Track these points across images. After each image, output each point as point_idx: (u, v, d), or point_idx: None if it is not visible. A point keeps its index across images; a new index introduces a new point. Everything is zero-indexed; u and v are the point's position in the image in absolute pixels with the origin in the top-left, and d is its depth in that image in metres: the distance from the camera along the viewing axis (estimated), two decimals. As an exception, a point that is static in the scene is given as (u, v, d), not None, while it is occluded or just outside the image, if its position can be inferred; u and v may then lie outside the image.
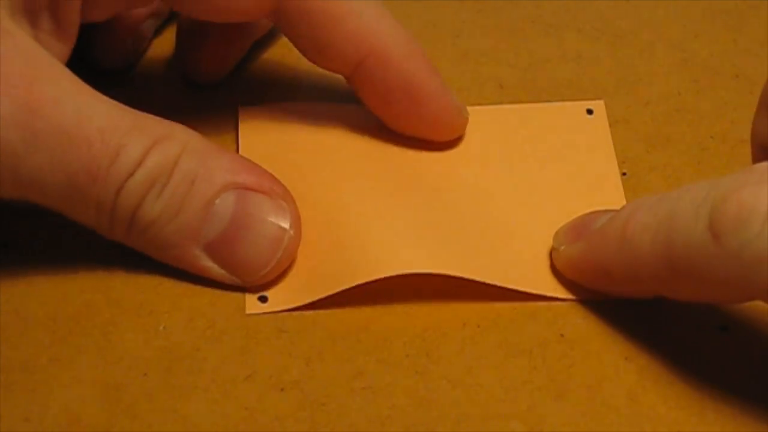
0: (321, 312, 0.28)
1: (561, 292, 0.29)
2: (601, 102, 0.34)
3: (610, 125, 0.33)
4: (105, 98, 0.27)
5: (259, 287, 0.29)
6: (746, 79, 0.35)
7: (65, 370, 0.27)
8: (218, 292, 0.29)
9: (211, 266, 0.28)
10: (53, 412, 0.26)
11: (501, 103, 0.34)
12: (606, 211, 0.28)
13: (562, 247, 0.28)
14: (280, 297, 0.29)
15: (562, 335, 0.28)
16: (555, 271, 0.29)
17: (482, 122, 0.33)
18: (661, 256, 0.25)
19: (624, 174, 0.32)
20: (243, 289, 0.29)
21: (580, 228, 0.28)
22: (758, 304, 0.26)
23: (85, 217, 0.28)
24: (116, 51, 0.34)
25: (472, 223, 0.30)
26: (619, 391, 0.27)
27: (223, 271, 0.28)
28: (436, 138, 0.32)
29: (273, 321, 0.28)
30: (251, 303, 0.28)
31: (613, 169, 0.32)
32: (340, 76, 0.31)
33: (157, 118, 0.28)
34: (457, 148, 0.32)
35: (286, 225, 0.28)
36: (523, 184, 0.32)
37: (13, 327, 0.28)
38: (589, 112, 0.34)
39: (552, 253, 0.29)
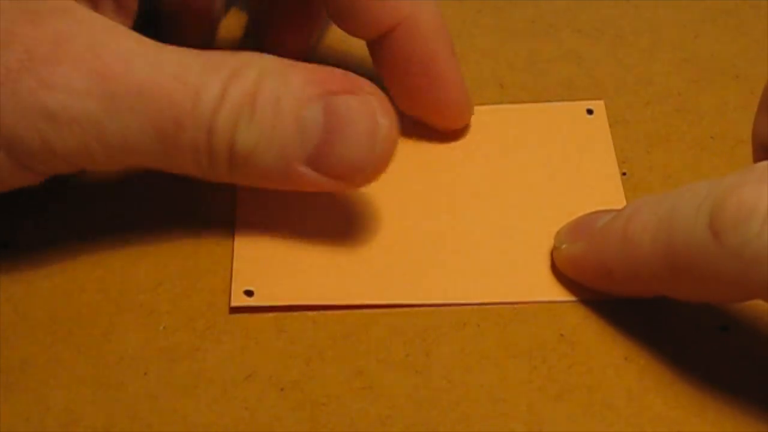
0: (321, 312, 0.28)
1: (562, 294, 0.29)
2: (601, 102, 0.34)
3: (610, 125, 0.33)
4: (172, 47, 0.27)
5: (247, 281, 0.28)
6: (746, 79, 0.34)
7: (65, 370, 0.27)
8: (218, 293, 0.29)
9: (319, 179, 0.28)
10: (53, 412, 0.26)
11: (501, 103, 0.34)
12: (608, 211, 0.28)
13: (564, 246, 0.28)
14: (266, 292, 0.28)
15: (562, 335, 0.28)
16: (556, 271, 0.29)
17: (482, 122, 0.33)
18: (662, 255, 0.25)
19: (624, 174, 0.32)
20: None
21: (581, 227, 0.28)
22: (758, 304, 0.26)
23: (185, 166, 0.27)
24: (189, 36, 0.33)
25: (472, 228, 0.30)
26: (619, 391, 0.27)
27: (333, 181, 0.28)
28: (439, 123, 0.32)
29: (273, 321, 0.28)
30: (237, 296, 0.28)
31: (613, 169, 0.32)
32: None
33: (228, 52, 0.28)
34: (456, 148, 0.32)
35: (377, 117, 0.27)
36: (524, 185, 0.32)
37: (13, 327, 0.28)
38: (589, 112, 0.34)
39: (553, 253, 0.29)
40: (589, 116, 0.34)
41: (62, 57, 0.26)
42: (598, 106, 0.34)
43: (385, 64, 0.31)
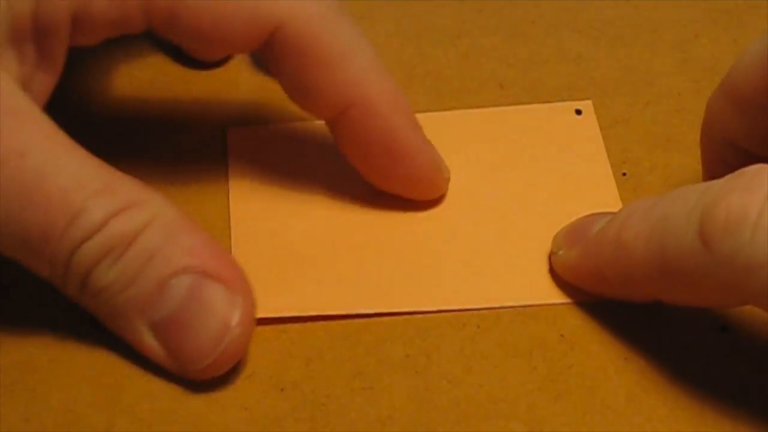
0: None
1: (560, 297, 0.29)
2: (589, 102, 0.34)
3: (610, 125, 0.33)
4: (81, 153, 0.26)
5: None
6: (746, 79, 0.34)
7: (65, 370, 0.27)
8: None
9: (154, 345, 0.27)
10: (53, 412, 0.26)
11: (501, 103, 0.34)
12: (604, 215, 0.28)
13: (561, 252, 0.28)
14: (268, 304, 0.28)
15: (562, 335, 0.28)
16: (553, 274, 0.29)
17: (470, 126, 0.33)
18: (654, 261, 0.25)
19: (624, 174, 0.32)
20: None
21: (577, 232, 0.28)
22: (758, 304, 0.26)
23: (39, 272, 0.27)
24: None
25: (468, 234, 0.30)
26: (619, 391, 0.27)
27: (165, 353, 0.27)
28: (414, 196, 0.31)
29: (273, 321, 0.28)
30: None
31: (605, 169, 0.32)
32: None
33: (135, 182, 0.27)
34: (448, 153, 0.32)
35: (234, 321, 0.26)
36: (516, 189, 0.31)
37: (13, 327, 0.28)
38: (578, 112, 0.34)
39: (551, 258, 0.29)
40: (578, 117, 0.33)
41: None
42: (586, 106, 0.34)
43: (345, 144, 0.30)
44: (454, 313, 0.28)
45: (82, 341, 0.28)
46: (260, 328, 0.28)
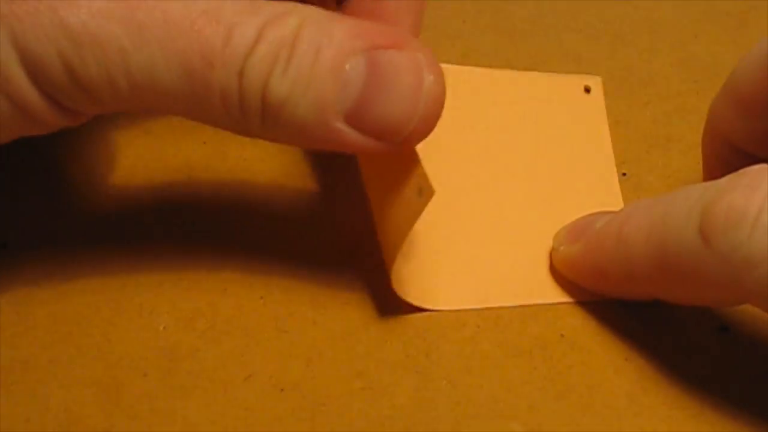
0: (321, 312, 0.28)
1: (561, 296, 0.29)
2: (599, 78, 0.34)
3: (610, 125, 0.33)
4: None
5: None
6: (746, 79, 0.34)
7: (65, 370, 0.27)
8: (218, 292, 0.29)
9: (358, 137, 0.26)
10: (53, 412, 0.26)
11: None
12: (606, 213, 0.28)
13: (562, 248, 0.29)
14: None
15: (562, 335, 0.28)
16: (554, 272, 0.29)
17: (479, 85, 0.33)
18: (654, 258, 0.25)
19: (624, 174, 0.32)
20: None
21: (579, 229, 0.28)
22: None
23: (216, 115, 0.26)
24: None
25: (469, 230, 0.30)
26: (619, 391, 0.27)
27: (372, 140, 0.26)
28: None
29: (273, 321, 0.28)
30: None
31: (611, 169, 0.32)
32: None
33: (272, 1, 0.26)
34: (453, 114, 0.30)
35: (423, 74, 0.26)
36: (519, 176, 0.31)
37: (13, 327, 0.28)
38: (587, 90, 0.34)
39: (552, 253, 0.29)
40: (586, 95, 0.33)
41: None
42: (595, 83, 0.34)
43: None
44: (454, 313, 0.28)
45: (82, 341, 0.28)
46: (260, 328, 0.28)
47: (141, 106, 0.26)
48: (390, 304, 0.29)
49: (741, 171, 0.24)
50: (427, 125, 0.26)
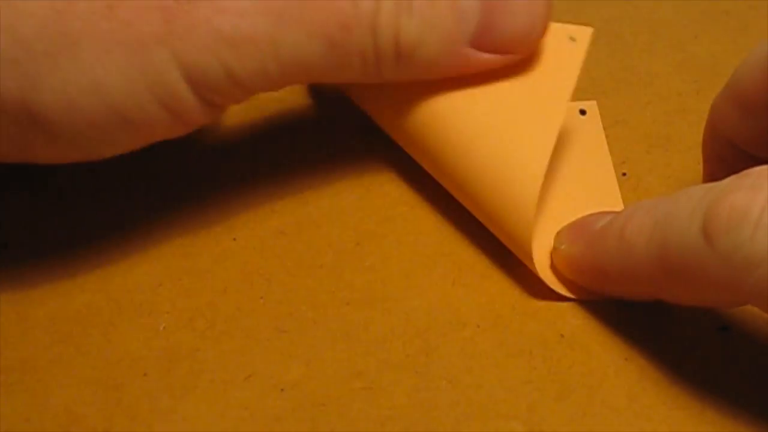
0: (321, 312, 0.28)
1: (562, 290, 0.29)
2: (594, 103, 0.34)
3: (610, 125, 0.33)
4: None
5: None
6: (746, 79, 0.34)
7: (65, 370, 0.27)
8: (218, 292, 0.29)
9: (485, 57, 0.28)
10: (53, 412, 0.26)
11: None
12: (607, 213, 0.28)
13: (563, 247, 0.29)
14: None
15: (562, 335, 0.28)
16: (556, 272, 0.29)
17: None
18: (656, 257, 0.25)
19: (624, 174, 0.32)
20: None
21: (580, 228, 0.28)
22: (758, 304, 0.26)
23: (353, 72, 0.28)
24: None
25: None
26: (619, 391, 0.27)
27: (499, 56, 0.28)
28: None
29: (273, 321, 0.28)
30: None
31: (608, 170, 0.32)
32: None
33: None
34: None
35: None
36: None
37: (13, 327, 0.28)
38: (582, 112, 0.34)
39: (552, 253, 0.29)
40: (582, 116, 0.33)
41: None
42: (591, 106, 0.34)
43: None
44: (454, 313, 0.28)
45: (82, 341, 0.28)
46: (260, 328, 0.28)
47: (285, 84, 0.28)
48: (390, 304, 0.29)
49: (744, 172, 0.24)
50: (543, 29, 0.29)
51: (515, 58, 0.29)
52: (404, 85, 0.30)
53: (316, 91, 0.35)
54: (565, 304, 0.29)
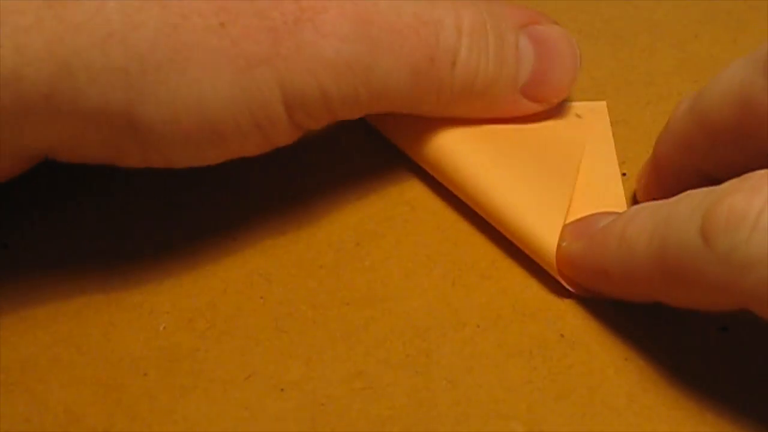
0: (321, 312, 0.28)
1: (562, 293, 0.29)
2: (603, 103, 0.34)
3: (611, 125, 0.33)
4: None
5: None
6: (746, 79, 0.34)
7: (65, 370, 0.27)
8: (218, 292, 0.29)
9: (528, 104, 0.30)
10: (53, 412, 0.26)
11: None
12: (610, 213, 0.28)
13: (564, 244, 0.29)
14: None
15: (562, 335, 0.28)
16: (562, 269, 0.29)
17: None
18: (656, 258, 0.25)
19: (624, 174, 0.32)
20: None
21: (584, 227, 0.28)
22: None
23: (427, 102, 0.29)
24: None
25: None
26: (619, 391, 0.27)
27: (536, 105, 0.31)
28: None
29: (273, 321, 0.28)
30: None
31: (614, 171, 0.32)
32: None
33: None
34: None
35: (572, 41, 0.30)
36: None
37: (13, 327, 0.28)
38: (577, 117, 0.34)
39: (556, 251, 0.29)
40: (590, 117, 0.33)
41: (325, 5, 0.26)
42: (600, 107, 0.34)
43: None
44: (454, 313, 0.28)
45: (82, 341, 0.28)
46: (260, 328, 0.28)
47: (367, 112, 0.29)
48: (390, 304, 0.29)
49: (744, 175, 0.24)
50: (574, 83, 0.31)
51: (546, 108, 0.31)
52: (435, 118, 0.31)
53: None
54: (565, 304, 0.29)
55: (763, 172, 0.24)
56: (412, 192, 0.32)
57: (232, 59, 0.25)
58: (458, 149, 0.31)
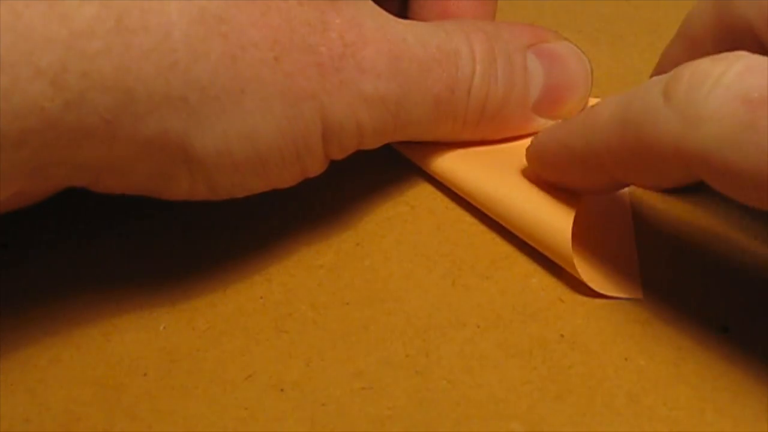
0: (321, 312, 0.29)
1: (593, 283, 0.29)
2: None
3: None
4: (409, 21, 0.29)
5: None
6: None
7: (65, 370, 0.27)
8: (218, 292, 0.29)
9: (539, 121, 0.31)
10: (53, 412, 0.26)
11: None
12: None
13: (534, 138, 0.30)
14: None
15: (562, 335, 0.28)
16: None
17: None
18: (617, 123, 0.25)
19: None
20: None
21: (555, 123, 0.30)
22: (757, 303, 0.26)
23: (443, 130, 0.30)
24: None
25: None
26: (619, 391, 0.27)
27: (547, 121, 0.31)
28: None
29: (273, 321, 0.28)
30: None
31: None
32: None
33: (445, 21, 0.30)
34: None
35: (582, 57, 0.31)
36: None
37: (13, 327, 0.28)
38: None
39: (527, 149, 0.30)
40: None
41: (365, 41, 0.27)
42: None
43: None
44: (454, 313, 0.28)
45: (82, 341, 0.28)
46: (260, 328, 0.28)
47: (391, 141, 0.29)
48: (390, 304, 0.29)
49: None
50: (588, 98, 0.32)
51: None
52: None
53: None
54: (565, 304, 0.29)
55: (730, 52, 0.24)
56: (412, 192, 0.32)
57: (284, 93, 0.26)
58: (465, 156, 0.31)
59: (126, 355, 0.27)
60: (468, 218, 0.31)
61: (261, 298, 0.29)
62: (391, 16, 0.28)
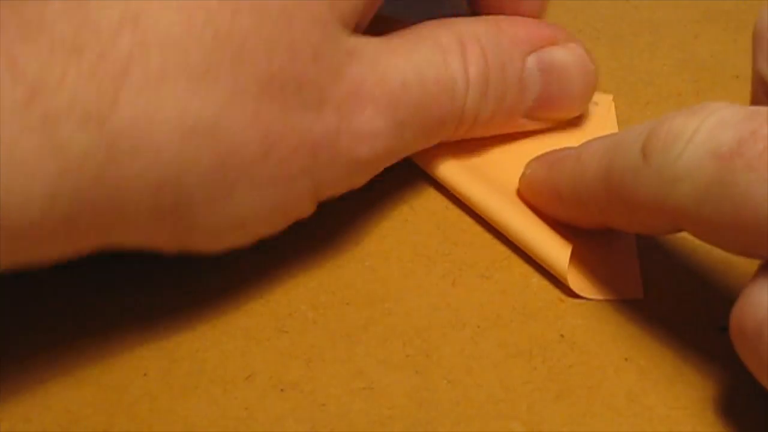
0: (321, 312, 0.28)
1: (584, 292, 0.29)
2: (610, 96, 0.34)
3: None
4: (415, 44, 0.29)
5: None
6: (746, 79, 0.34)
7: (65, 370, 0.27)
8: (219, 292, 0.29)
9: (533, 124, 0.31)
10: (53, 412, 0.26)
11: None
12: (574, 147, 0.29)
13: (528, 171, 0.30)
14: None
15: (562, 335, 0.28)
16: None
17: None
18: (602, 177, 0.26)
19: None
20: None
21: (547, 155, 0.30)
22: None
23: (436, 139, 0.30)
24: None
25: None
26: (619, 391, 0.27)
27: (541, 124, 0.31)
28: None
29: (273, 321, 0.28)
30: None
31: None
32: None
33: (435, 28, 0.29)
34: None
35: (587, 65, 0.31)
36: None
37: (13, 327, 0.28)
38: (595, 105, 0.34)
39: (520, 179, 0.30)
40: (596, 108, 0.33)
41: (363, 103, 0.27)
42: (605, 99, 0.34)
43: None
44: (454, 313, 0.28)
45: (82, 341, 0.28)
46: (260, 328, 0.28)
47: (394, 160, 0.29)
48: (390, 304, 0.29)
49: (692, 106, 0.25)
50: (588, 103, 0.32)
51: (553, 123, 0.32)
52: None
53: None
54: (565, 304, 0.29)
55: (709, 102, 0.25)
56: (412, 192, 0.32)
57: (275, 179, 0.26)
58: (466, 163, 0.31)
59: (126, 355, 0.27)
60: (468, 218, 0.31)
61: (261, 298, 0.29)
62: (392, 48, 0.28)
